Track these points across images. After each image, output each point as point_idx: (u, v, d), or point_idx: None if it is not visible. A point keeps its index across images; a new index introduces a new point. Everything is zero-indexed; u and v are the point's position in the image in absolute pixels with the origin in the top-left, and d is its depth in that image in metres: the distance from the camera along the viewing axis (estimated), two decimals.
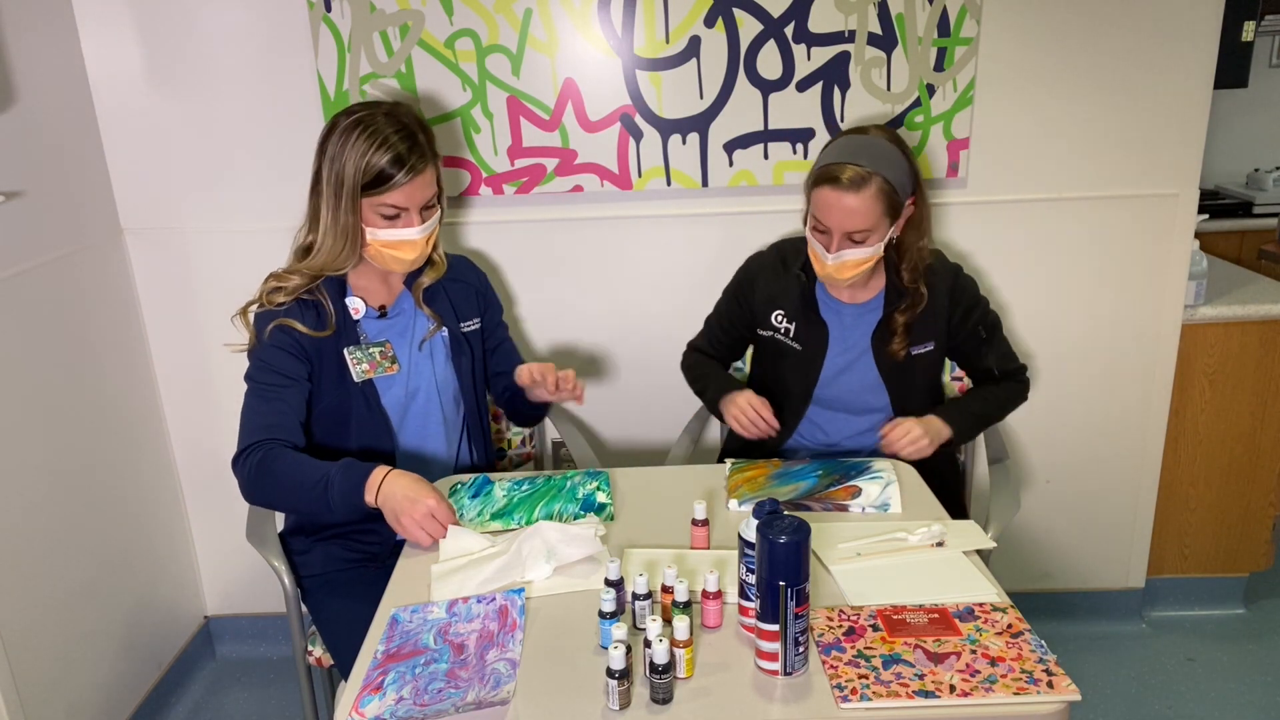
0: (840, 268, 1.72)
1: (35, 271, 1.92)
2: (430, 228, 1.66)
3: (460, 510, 1.59)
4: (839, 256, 1.71)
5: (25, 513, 1.86)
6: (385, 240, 1.63)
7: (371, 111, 1.62)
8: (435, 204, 1.67)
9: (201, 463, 2.38)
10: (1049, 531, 2.46)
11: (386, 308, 1.75)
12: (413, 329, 1.77)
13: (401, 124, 1.61)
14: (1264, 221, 3.39)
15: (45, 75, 1.97)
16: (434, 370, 1.78)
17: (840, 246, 1.70)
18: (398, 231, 1.63)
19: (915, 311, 1.80)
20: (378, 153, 1.57)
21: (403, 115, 1.63)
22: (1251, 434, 2.38)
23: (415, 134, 1.61)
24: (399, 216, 1.62)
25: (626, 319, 2.27)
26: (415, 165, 1.59)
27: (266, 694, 2.38)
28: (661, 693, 1.12)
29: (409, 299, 1.77)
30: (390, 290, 1.77)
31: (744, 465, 1.73)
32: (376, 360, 1.70)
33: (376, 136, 1.57)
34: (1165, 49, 2.07)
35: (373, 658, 1.23)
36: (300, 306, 1.66)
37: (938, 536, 1.43)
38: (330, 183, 1.61)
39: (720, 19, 2.03)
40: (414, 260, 1.68)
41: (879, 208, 1.67)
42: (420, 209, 1.63)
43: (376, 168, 1.57)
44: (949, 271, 1.85)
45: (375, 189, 1.59)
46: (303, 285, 1.66)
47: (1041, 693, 1.11)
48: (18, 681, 1.80)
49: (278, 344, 1.64)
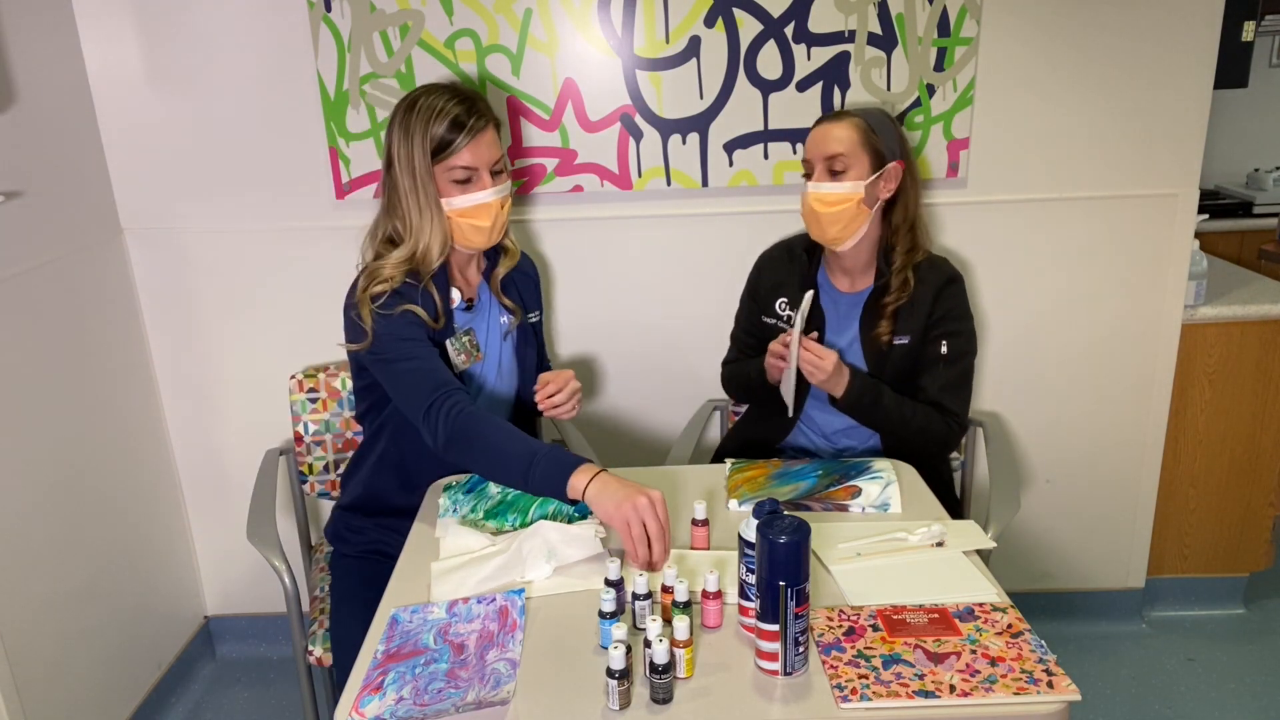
0: (821, 198, 1.75)
1: (35, 271, 1.92)
2: (502, 192, 1.69)
3: (454, 506, 1.59)
4: (818, 187, 1.76)
5: (25, 513, 1.86)
6: (461, 209, 1.67)
7: (426, 90, 1.68)
8: (503, 170, 1.71)
9: (201, 463, 2.38)
10: (1049, 531, 2.46)
11: (473, 300, 1.79)
12: (489, 319, 1.81)
13: (456, 92, 1.67)
14: (1264, 221, 3.39)
15: (45, 75, 1.97)
16: (501, 360, 1.82)
17: (821, 177, 1.75)
18: (472, 196, 1.67)
19: (901, 298, 1.80)
20: (437, 121, 1.63)
21: (457, 86, 1.70)
22: (1251, 434, 2.38)
23: (471, 99, 1.67)
24: (470, 180, 1.66)
25: (626, 319, 2.27)
26: (474, 125, 1.64)
27: (266, 694, 2.38)
28: (661, 693, 1.12)
29: (486, 289, 1.81)
30: (470, 283, 1.81)
31: (744, 465, 1.73)
32: (469, 350, 1.74)
33: (434, 108, 1.64)
34: (1165, 49, 2.07)
35: (373, 658, 1.23)
36: (421, 296, 1.68)
37: (938, 536, 1.43)
38: (403, 163, 1.65)
39: (720, 19, 2.03)
40: (490, 229, 1.70)
41: (857, 137, 1.74)
42: (490, 170, 1.67)
43: (441, 128, 1.63)
44: (944, 275, 1.83)
45: (443, 153, 1.64)
46: (399, 278, 1.66)
47: (1041, 693, 1.11)
48: (18, 681, 1.80)
49: (407, 320, 1.64)
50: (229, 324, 2.26)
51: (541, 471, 1.46)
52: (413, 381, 1.60)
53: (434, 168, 1.65)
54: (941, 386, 1.81)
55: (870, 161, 1.75)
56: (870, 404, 1.77)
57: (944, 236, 2.20)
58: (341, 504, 1.87)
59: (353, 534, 1.83)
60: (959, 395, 1.83)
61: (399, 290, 1.65)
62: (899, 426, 1.79)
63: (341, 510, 1.87)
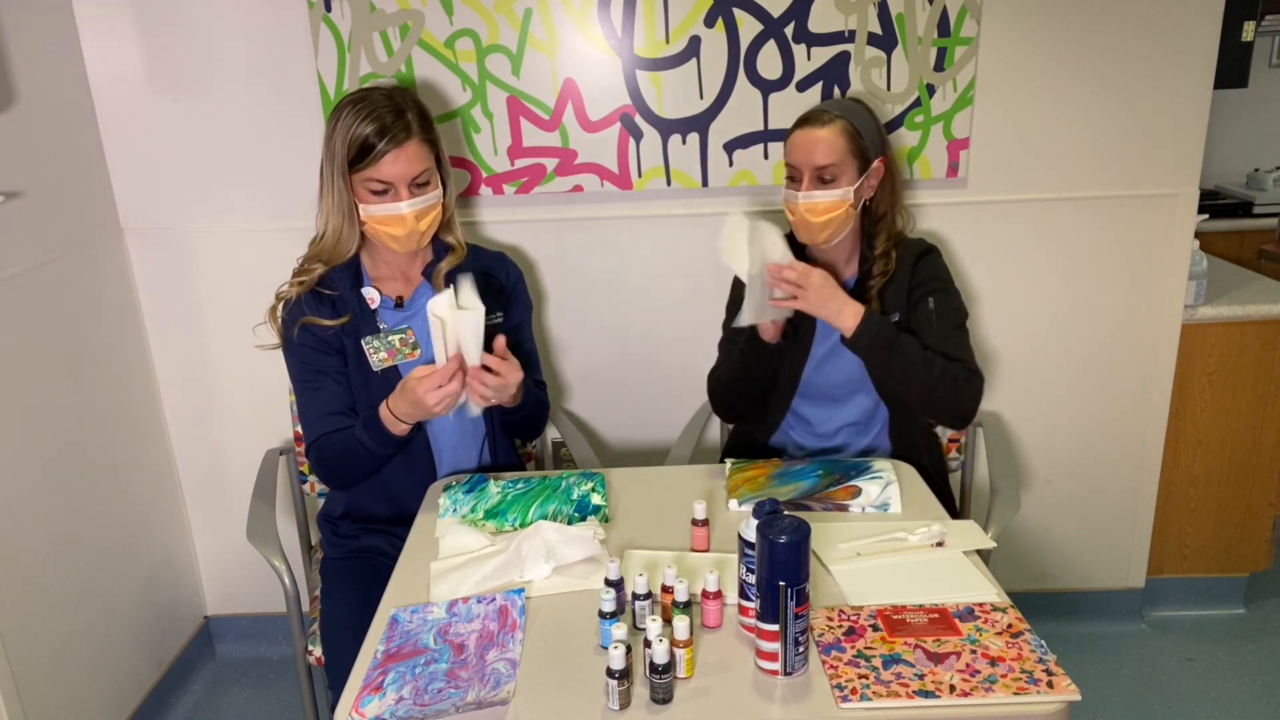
0: (812, 208, 1.73)
1: (35, 271, 1.92)
2: (420, 204, 1.66)
3: (454, 506, 1.59)
4: (809, 196, 1.73)
5: (25, 512, 1.86)
6: (376, 216, 1.66)
7: (368, 93, 1.67)
8: (429, 182, 1.68)
9: (201, 462, 2.38)
10: (1049, 531, 2.46)
11: (404, 299, 1.77)
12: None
13: (392, 100, 1.65)
14: (1264, 221, 3.39)
15: (45, 75, 1.97)
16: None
17: (810, 186, 1.73)
18: (387, 206, 1.65)
19: (886, 279, 1.79)
20: (362, 124, 1.61)
21: (397, 94, 1.67)
22: (1251, 434, 2.38)
23: (404, 110, 1.64)
24: (387, 192, 1.65)
25: (626, 319, 2.27)
26: (397, 136, 1.61)
27: (266, 694, 2.38)
28: (661, 693, 1.12)
29: (429, 290, 1.77)
30: (409, 281, 1.78)
31: (744, 465, 1.73)
32: (396, 348, 1.73)
33: (364, 110, 1.62)
34: (1165, 49, 2.07)
35: (373, 658, 1.23)
36: (316, 300, 1.72)
37: (938, 536, 1.43)
38: (327, 161, 1.67)
39: (720, 19, 2.03)
40: (406, 238, 1.67)
41: (844, 144, 1.71)
42: (409, 184, 1.65)
43: (360, 138, 1.61)
44: (920, 248, 1.82)
45: (360, 163, 1.63)
46: (320, 273, 1.71)
47: (1041, 693, 1.11)
48: (18, 681, 1.80)
49: (304, 343, 1.71)
50: (229, 324, 2.26)
51: (371, 438, 1.62)
52: (303, 416, 1.74)
53: (351, 175, 1.65)
54: (941, 336, 1.73)
55: (858, 165, 1.74)
56: (887, 343, 1.64)
57: (944, 236, 2.20)
58: (329, 515, 1.87)
59: (340, 539, 1.83)
60: (957, 341, 1.75)
61: (301, 300, 1.71)
62: (920, 373, 1.66)
63: (327, 519, 1.87)
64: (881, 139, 1.80)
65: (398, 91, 1.69)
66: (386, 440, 1.62)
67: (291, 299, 1.73)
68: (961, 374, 1.70)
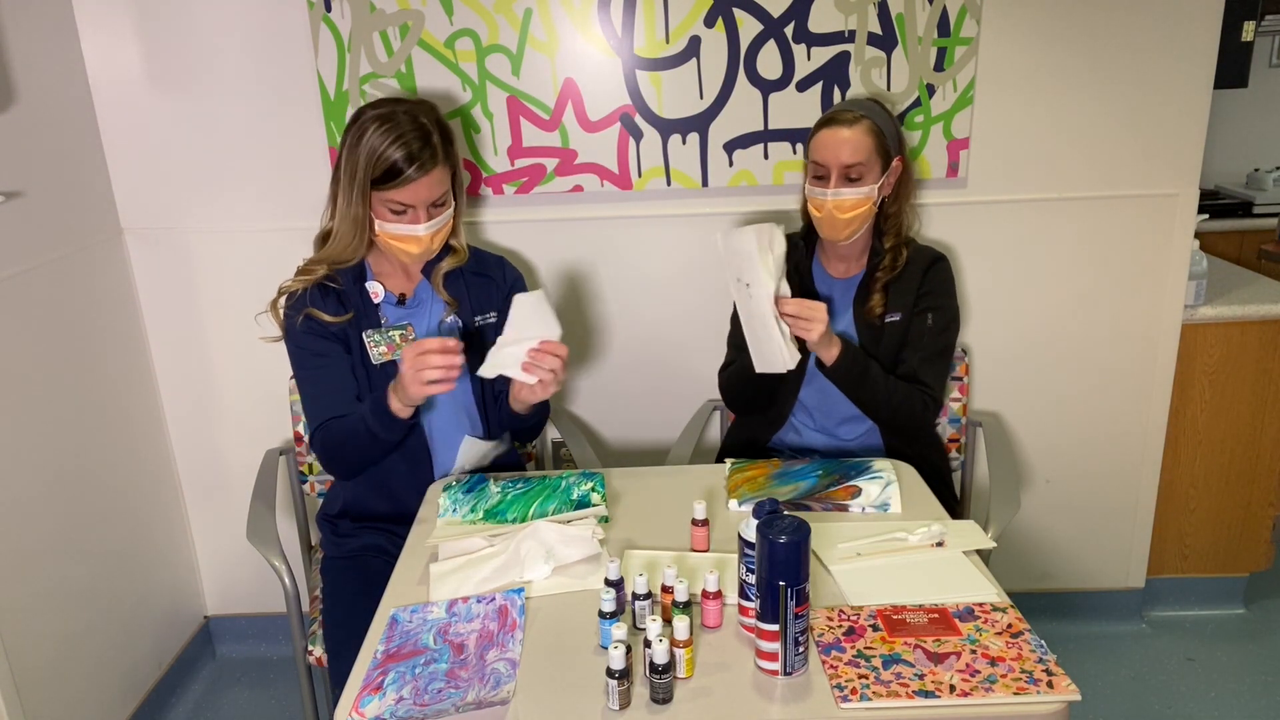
0: (840, 205, 1.77)
1: (35, 271, 1.92)
2: (436, 226, 1.68)
3: (454, 506, 1.59)
4: (838, 193, 1.77)
5: (25, 512, 1.86)
6: (392, 234, 1.68)
7: (393, 108, 1.65)
8: (445, 202, 1.70)
9: (201, 462, 2.38)
10: (1049, 531, 2.46)
11: (406, 296, 1.78)
12: (430, 315, 1.80)
13: (419, 123, 1.64)
14: (1264, 221, 3.39)
15: (45, 75, 1.97)
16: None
17: (838, 184, 1.76)
18: (404, 227, 1.67)
19: (893, 273, 1.84)
20: (391, 148, 1.61)
21: (423, 114, 1.67)
22: (1251, 434, 2.38)
23: (430, 133, 1.64)
24: (406, 212, 1.66)
25: (626, 319, 2.27)
26: (425, 164, 1.62)
27: (266, 694, 2.38)
28: (661, 693, 1.13)
29: (429, 288, 1.80)
30: (410, 279, 1.80)
31: (744, 465, 1.73)
32: (396, 343, 1.74)
33: (392, 132, 1.61)
34: (1165, 49, 2.07)
35: (373, 658, 1.23)
36: (321, 293, 1.73)
37: (938, 536, 1.43)
38: (346, 172, 1.66)
39: (720, 19, 2.03)
40: (420, 254, 1.71)
41: (871, 144, 1.76)
42: (428, 206, 1.66)
43: (387, 162, 1.61)
44: (932, 255, 1.89)
45: (384, 184, 1.63)
46: (323, 274, 1.73)
47: (1041, 693, 1.11)
48: (17, 681, 1.80)
49: (307, 330, 1.72)
50: (229, 324, 2.26)
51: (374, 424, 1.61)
52: (306, 405, 1.75)
53: (371, 193, 1.65)
54: (922, 359, 1.84)
55: (881, 164, 1.79)
56: (859, 374, 1.78)
57: (944, 236, 2.20)
58: (328, 513, 1.87)
59: (340, 539, 1.83)
60: (936, 369, 1.86)
61: (305, 291, 1.72)
62: (881, 401, 1.81)
63: (327, 519, 1.87)
64: (900, 138, 1.86)
65: (423, 110, 1.68)
66: (389, 423, 1.61)
67: (296, 292, 1.74)
68: (919, 404, 1.83)
